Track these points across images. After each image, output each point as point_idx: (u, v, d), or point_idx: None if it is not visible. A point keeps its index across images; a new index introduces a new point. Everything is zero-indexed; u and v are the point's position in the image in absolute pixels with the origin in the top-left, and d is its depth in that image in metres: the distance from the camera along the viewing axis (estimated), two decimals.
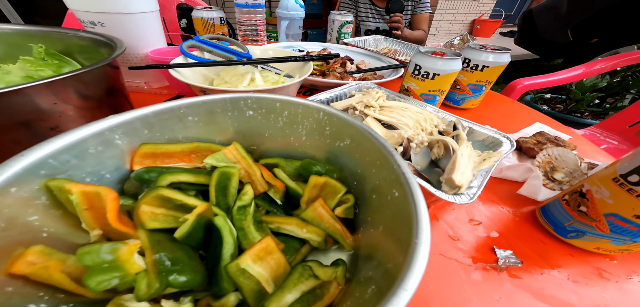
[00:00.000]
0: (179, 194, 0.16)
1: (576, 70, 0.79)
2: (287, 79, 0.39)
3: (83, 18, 0.35)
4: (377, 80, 0.50)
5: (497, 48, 0.42)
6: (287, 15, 0.65)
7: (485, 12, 4.22)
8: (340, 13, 0.67)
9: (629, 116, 0.77)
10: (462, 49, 0.47)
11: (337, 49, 0.63)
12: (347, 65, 0.55)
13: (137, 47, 0.39)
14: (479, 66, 0.42)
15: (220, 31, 0.62)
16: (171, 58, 0.37)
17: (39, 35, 0.30)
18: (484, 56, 0.41)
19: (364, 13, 1.19)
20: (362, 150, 0.18)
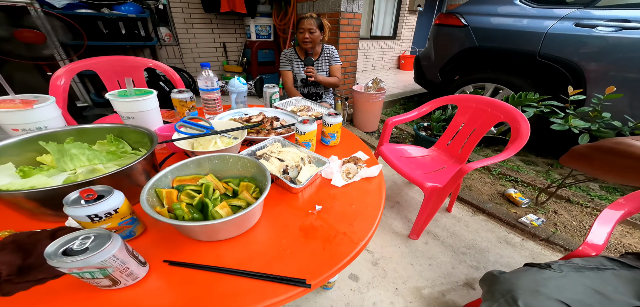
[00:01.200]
0: (192, 192, 0.53)
1: (417, 111, 1.35)
2: (234, 141, 0.77)
3: (123, 115, 0.69)
4: (290, 133, 0.91)
5: (337, 113, 0.87)
6: (234, 90, 1.05)
7: (406, 49, 5.32)
8: (270, 86, 1.10)
9: (446, 138, 1.36)
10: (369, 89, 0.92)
11: (270, 111, 1.04)
12: (274, 123, 0.96)
13: (151, 127, 0.74)
14: (328, 123, 0.86)
15: (190, 105, 0.98)
16: (170, 133, 0.73)
17: (106, 129, 0.63)
18: (329, 120, 0.85)
19: (296, 67, 1.66)
20: (259, 170, 0.57)
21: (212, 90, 0.95)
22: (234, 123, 0.82)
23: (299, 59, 1.64)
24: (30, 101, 0.57)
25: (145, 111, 0.71)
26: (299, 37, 1.53)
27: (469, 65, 2.09)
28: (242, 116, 1.02)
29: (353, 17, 2.30)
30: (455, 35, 2.09)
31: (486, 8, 1.98)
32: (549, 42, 1.67)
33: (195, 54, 3.14)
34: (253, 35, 3.20)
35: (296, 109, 1.11)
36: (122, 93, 0.69)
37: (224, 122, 0.83)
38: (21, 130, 0.54)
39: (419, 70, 2.58)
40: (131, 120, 0.70)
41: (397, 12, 4.90)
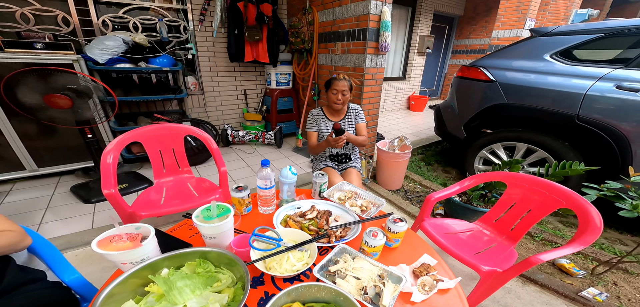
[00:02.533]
0: None
1: (459, 185, 1.33)
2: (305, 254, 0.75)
3: (206, 236, 0.67)
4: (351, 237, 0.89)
5: (401, 219, 0.85)
6: (286, 181, 1.04)
7: (415, 90, 5.49)
8: (319, 176, 1.09)
9: (494, 213, 1.33)
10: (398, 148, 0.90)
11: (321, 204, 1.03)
12: (329, 220, 0.94)
13: (226, 242, 0.72)
14: (394, 231, 0.83)
15: (247, 201, 0.97)
16: (245, 250, 0.71)
17: (194, 253, 0.62)
18: (395, 227, 0.83)
19: (324, 127, 1.66)
20: (346, 301, 0.54)
21: (270, 188, 0.95)
22: (300, 233, 0.81)
23: (326, 119, 1.67)
24: (135, 236, 0.59)
25: (225, 231, 0.70)
26: (332, 97, 1.56)
27: (497, 122, 2.10)
28: (295, 211, 1.00)
29: (376, 72, 2.40)
30: (481, 89, 2.10)
31: (514, 63, 1.97)
32: (588, 105, 1.60)
33: (218, 102, 3.25)
34: (273, 83, 3.32)
35: (343, 197, 1.10)
36: (206, 215, 0.69)
37: (288, 231, 0.82)
38: (129, 264, 0.57)
39: (440, 123, 2.61)
40: (213, 239, 0.69)
41: (407, 53, 5.15)
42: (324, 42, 2.79)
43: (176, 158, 1.56)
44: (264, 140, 3.18)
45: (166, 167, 1.54)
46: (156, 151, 1.48)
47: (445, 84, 6.29)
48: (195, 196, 1.46)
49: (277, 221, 0.92)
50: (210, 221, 0.68)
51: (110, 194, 1.16)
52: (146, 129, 1.42)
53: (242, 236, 0.77)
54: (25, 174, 1.97)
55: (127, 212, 1.21)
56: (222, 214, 0.70)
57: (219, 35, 2.96)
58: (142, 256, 0.57)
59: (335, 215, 0.99)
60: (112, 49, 1.97)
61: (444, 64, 6.16)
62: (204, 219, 0.68)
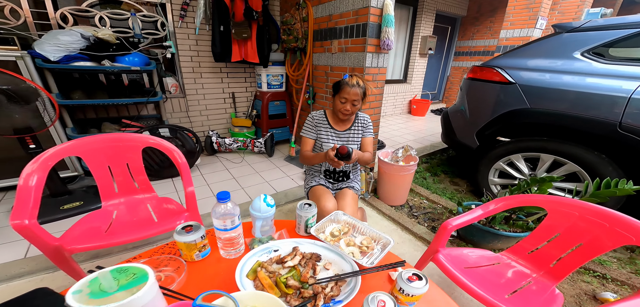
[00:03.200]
0: None
1: (483, 209, 1.05)
2: None
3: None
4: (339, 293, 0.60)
5: (420, 276, 0.56)
6: (260, 216, 0.75)
7: (417, 93, 5.24)
8: (305, 207, 0.79)
9: (529, 243, 1.04)
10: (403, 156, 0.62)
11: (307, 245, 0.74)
12: (316, 268, 0.65)
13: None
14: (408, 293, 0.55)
15: (200, 245, 0.67)
16: None
17: None
18: (410, 289, 0.55)
19: (324, 135, 1.37)
20: None
21: (232, 229, 0.65)
22: (271, 300, 0.51)
23: (329, 126, 1.38)
24: None
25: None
26: (338, 105, 1.27)
27: (517, 129, 1.82)
28: (271, 254, 0.71)
29: (378, 73, 2.12)
30: (497, 93, 1.83)
31: (536, 62, 1.71)
32: (634, 111, 1.34)
33: (202, 106, 2.95)
34: (264, 85, 3.03)
35: (338, 232, 0.81)
36: (95, 292, 0.39)
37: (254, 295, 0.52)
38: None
39: (448, 130, 2.33)
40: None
41: (408, 55, 4.90)
42: (319, 40, 2.52)
43: (132, 175, 1.26)
44: (253, 148, 2.88)
45: (118, 186, 1.24)
46: (103, 168, 1.18)
47: (448, 87, 6.05)
48: (154, 221, 1.16)
49: (242, 273, 0.63)
50: (105, 297, 0.38)
51: (23, 226, 0.84)
52: (88, 139, 1.12)
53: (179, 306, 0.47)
54: None
55: (51, 246, 0.90)
56: (132, 283, 0.41)
57: (203, 32, 2.68)
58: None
59: (325, 260, 0.70)
60: (68, 45, 1.67)
61: (446, 66, 5.93)
62: (91, 296, 0.38)
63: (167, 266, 0.66)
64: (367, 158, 1.38)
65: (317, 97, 2.76)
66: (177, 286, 0.60)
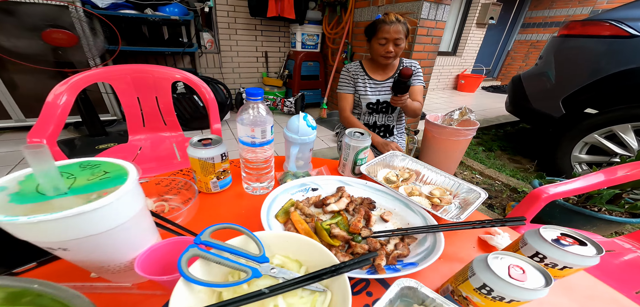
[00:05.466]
0: None
1: (600, 176, 0.75)
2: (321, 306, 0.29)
3: (46, 247, 0.24)
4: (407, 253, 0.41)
5: (581, 240, 0.33)
6: (298, 140, 0.58)
7: (467, 68, 4.56)
8: (355, 136, 0.61)
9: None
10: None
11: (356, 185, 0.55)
12: (371, 218, 0.47)
13: (117, 258, 0.29)
14: (558, 265, 0.33)
15: (221, 168, 0.53)
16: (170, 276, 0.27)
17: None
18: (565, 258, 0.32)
19: (362, 87, 1.19)
20: None
21: (263, 144, 0.49)
22: (311, 245, 0.34)
23: (367, 76, 1.18)
24: None
25: (101, 233, 0.26)
26: (378, 49, 1.06)
27: (627, 94, 1.38)
28: (308, 194, 0.54)
29: (435, 26, 1.77)
30: (607, 50, 1.41)
31: None
32: None
33: (235, 63, 2.88)
34: (298, 44, 2.84)
35: (396, 177, 0.60)
36: (25, 194, 0.24)
37: (286, 237, 0.35)
38: None
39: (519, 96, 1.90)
40: (66, 252, 0.25)
41: (461, 25, 4.21)
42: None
43: (161, 111, 1.20)
44: (283, 108, 2.78)
45: (146, 120, 1.19)
46: (132, 98, 1.12)
47: (507, 63, 5.15)
48: (176, 159, 1.09)
49: (269, 212, 0.47)
50: (40, 201, 0.24)
51: (37, 144, 0.80)
52: (118, 67, 1.06)
53: (176, 243, 0.33)
54: (10, 123, 1.81)
55: None
56: (94, 186, 0.26)
57: None
58: None
59: (382, 208, 0.51)
60: None
61: (509, 39, 5.01)
62: (16, 200, 0.23)
63: (176, 195, 0.53)
64: (415, 106, 1.16)
65: (356, 55, 2.49)
66: (183, 221, 0.46)
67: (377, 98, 1.19)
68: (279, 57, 3.14)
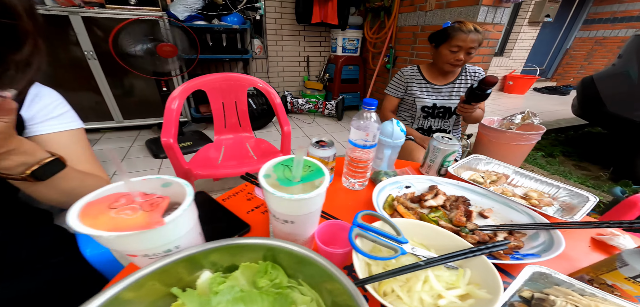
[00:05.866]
0: None
1: None
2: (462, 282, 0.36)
3: (276, 213, 0.36)
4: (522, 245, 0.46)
5: None
6: (391, 143, 0.66)
7: (516, 68, 4.24)
8: (445, 141, 0.67)
9: None
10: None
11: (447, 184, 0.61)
12: (472, 214, 0.53)
13: (308, 232, 0.40)
14: None
15: (330, 166, 0.64)
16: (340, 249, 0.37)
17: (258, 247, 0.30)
18: None
19: (418, 91, 1.21)
20: None
21: (371, 147, 0.58)
22: (437, 231, 0.42)
23: (424, 81, 1.21)
24: (157, 201, 0.29)
25: (313, 212, 0.37)
26: (448, 56, 1.08)
27: None
28: (401, 191, 0.62)
29: (492, 30, 1.73)
30: None
31: None
32: None
33: (280, 68, 3.08)
34: (339, 48, 2.94)
35: (482, 179, 0.65)
36: (283, 176, 0.36)
37: (413, 225, 0.44)
38: (142, 257, 0.28)
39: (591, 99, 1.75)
40: (288, 224, 0.36)
41: (511, 23, 3.93)
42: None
43: (238, 114, 1.37)
44: (324, 110, 2.89)
45: (227, 123, 1.37)
46: (219, 104, 1.31)
47: (564, 62, 4.66)
48: (253, 158, 1.24)
49: (378, 204, 0.55)
50: (290, 186, 0.35)
51: (168, 143, 1.00)
52: (211, 76, 1.25)
53: (332, 224, 0.43)
54: (113, 124, 2.16)
55: (184, 168, 1.06)
56: (310, 176, 0.37)
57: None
58: (166, 242, 0.28)
59: (481, 207, 0.56)
60: (191, 6, 1.92)
61: (568, 37, 4.53)
62: (280, 183, 0.35)
63: None
64: (479, 114, 1.18)
65: (399, 60, 2.50)
66: None
67: (434, 102, 1.22)
68: (319, 61, 3.27)
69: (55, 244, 0.47)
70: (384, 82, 2.80)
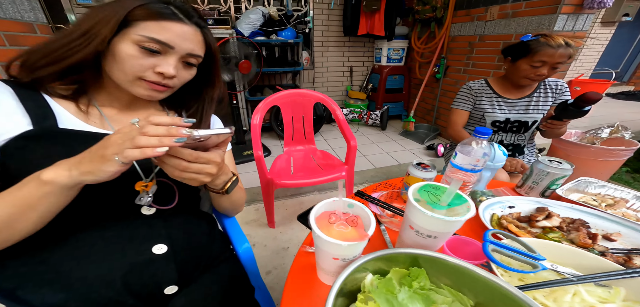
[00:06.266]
0: None
1: None
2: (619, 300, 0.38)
3: (420, 228, 0.42)
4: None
5: None
6: (491, 166, 0.68)
7: (584, 72, 3.77)
8: (553, 165, 0.66)
9: None
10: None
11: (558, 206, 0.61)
12: (597, 237, 0.53)
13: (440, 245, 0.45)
14: None
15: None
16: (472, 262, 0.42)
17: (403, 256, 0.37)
18: None
19: (488, 105, 1.18)
20: None
21: (478, 170, 0.62)
22: (573, 252, 0.43)
23: (495, 95, 1.17)
24: (354, 220, 0.38)
25: (451, 232, 0.43)
26: (527, 71, 1.03)
27: None
28: (506, 211, 0.63)
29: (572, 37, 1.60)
30: None
31: None
32: None
33: (325, 78, 3.21)
34: (384, 58, 2.96)
35: (600, 199, 0.63)
36: (432, 199, 0.42)
37: (543, 245, 0.46)
38: (340, 260, 0.37)
39: None
40: (429, 239, 0.42)
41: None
42: (462, 8, 2.18)
43: (304, 127, 1.49)
44: (368, 120, 2.92)
45: (295, 135, 1.49)
46: (289, 117, 1.44)
47: None
48: (320, 169, 1.33)
49: (486, 221, 0.59)
50: (438, 209, 0.41)
51: (258, 156, 1.14)
52: (284, 93, 1.38)
53: (457, 239, 0.47)
54: None
55: (267, 177, 1.19)
56: (453, 203, 0.42)
57: (335, 6, 2.82)
58: (359, 250, 0.36)
59: (605, 231, 0.56)
60: (254, 22, 2.13)
61: None
62: (431, 205, 0.41)
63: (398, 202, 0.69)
64: (563, 130, 1.11)
65: (451, 70, 2.43)
66: None
67: (506, 117, 1.18)
68: (362, 71, 3.32)
69: (224, 241, 0.60)
70: (431, 91, 2.74)
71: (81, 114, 0.42)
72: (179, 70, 0.44)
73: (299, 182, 1.19)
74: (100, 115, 0.45)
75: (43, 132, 0.37)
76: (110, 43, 0.39)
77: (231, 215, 0.65)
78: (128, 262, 0.41)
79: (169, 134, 0.31)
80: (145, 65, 0.40)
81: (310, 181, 1.20)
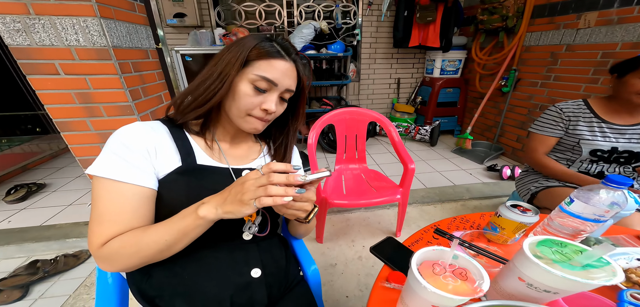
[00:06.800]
0: None
1: None
2: None
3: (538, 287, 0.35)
4: None
5: None
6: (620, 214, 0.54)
7: None
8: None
9: None
10: None
11: None
12: None
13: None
14: None
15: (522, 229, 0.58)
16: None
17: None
18: None
19: (588, 131, 0.97)
20: None
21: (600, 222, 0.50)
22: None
23: (597, 119, 0.97)
24: (463, 274, 0.35)
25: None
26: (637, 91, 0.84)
27: None
28: (629, 262, 0.50)
29: None
30: None
31: None
32: None
33: (370, 90, 3.13)
34: (436, 70, 2.75)
35: None
36: (562, 258, 0.35)
37: None
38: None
39: None
40: (548, 294, 0.35)
41: None
42: (543, 15, 1.90)
43: (357, 146, 1.46)
44: (416, 135, 2.74)
45: (347, 153, 1.47)
46: (343, 136, 1.43)
47: None
48: (372, 191, 1.28)
49: None
50: (567, 268, 0.33)
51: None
52: (340, 112, 1.37)
53: (581, 296, 0.38)
54: None
55: (321, 196, 1.18)
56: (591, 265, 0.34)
57: (385, 19, 2.75)
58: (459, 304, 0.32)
59: None
60: (306, 37, 2.20)
61: None
62: (560, 264, 0.34)
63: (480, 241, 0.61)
64: None
65: (522, 82, 2.14)
66: None
67: (613, 146, 0.96)
68: (410, 83, 3.15)
69: (296, 263, 0.62)
70: (495, 106, 2.44)
71: (208, 150, 0.48)
72: (277, 105, 0.47)
73: (353, 203, 1.16)
74: (219, 150, 0.50)
75: (188, 168, 0.44)
76: (232, 82, 0.43)
77: (301, 238, 0.66)
78: (233, 283, 0.45)
79: (288, 182, 0.36)
80: (255, 102, 0.44)
81: (364, 202, 1.16)
